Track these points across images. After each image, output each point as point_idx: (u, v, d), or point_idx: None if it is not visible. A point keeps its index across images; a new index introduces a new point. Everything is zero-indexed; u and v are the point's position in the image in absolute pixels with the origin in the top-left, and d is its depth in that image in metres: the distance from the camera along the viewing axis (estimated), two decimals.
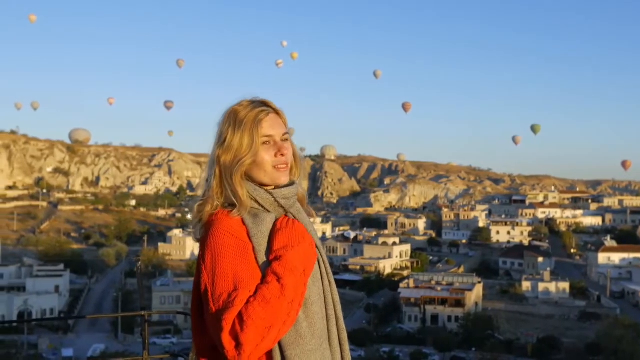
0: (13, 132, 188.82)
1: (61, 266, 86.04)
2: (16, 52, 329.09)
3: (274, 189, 1.94)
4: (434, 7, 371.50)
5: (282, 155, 1.92)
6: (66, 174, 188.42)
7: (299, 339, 1.80)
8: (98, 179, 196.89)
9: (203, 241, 1.84)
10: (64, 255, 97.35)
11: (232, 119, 1.92)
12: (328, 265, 2.01)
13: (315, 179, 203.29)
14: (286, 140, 1.96)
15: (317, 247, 1.98)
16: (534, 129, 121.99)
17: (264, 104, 1.97)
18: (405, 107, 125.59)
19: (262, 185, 1.93)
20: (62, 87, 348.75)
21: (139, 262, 3.89)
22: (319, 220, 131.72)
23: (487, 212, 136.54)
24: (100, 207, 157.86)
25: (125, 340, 59.23)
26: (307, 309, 1.84)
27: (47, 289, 75.26)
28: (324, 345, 1.87)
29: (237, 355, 1.68)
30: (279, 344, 1.77)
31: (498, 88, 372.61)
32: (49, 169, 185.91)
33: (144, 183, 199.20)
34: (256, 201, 1.90)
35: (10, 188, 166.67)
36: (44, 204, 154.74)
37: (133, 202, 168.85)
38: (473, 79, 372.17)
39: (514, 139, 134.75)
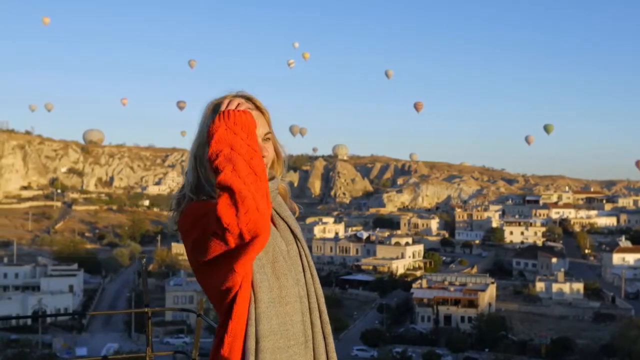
0: (28, 133, 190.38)
1: (75, 266, 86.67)
2: (30, 53, 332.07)
3: None
4: (446, 6, 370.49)
5: (262, 156, 1.87)
6: (80, 174, 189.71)
7: (271, 334, 1.79)
8: (112, 179, 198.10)
9: (179, 227, 1.87)
10: (78, 255, 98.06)
11: (213, 114, 1.88)
12: (310, 259, 2.00)
13: (328, 179, 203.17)
14: (268, 139, 1.95)
15: (297, 239, 1.99)
16: (546, 128, 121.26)
17: (248, 100, 1.94)
18: (417, 106, 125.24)
19: None
20: (76, 88, 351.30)
21: (144, 260, 3.90)
22: (331, 220, 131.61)
23: (500, 213, 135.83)
24: (114, 207, 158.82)
25: (139, 340, 59.53)
26: (280, 307, 1.82)
27: (61, 288, 75.86)
28: (294, 349, 1.83)
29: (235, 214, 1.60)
30: (256, 337, 1.77)
31: (511, 87, 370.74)
32: (64, 169, 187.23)
33: (158, 183, 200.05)
34: None
35: (25, 188, 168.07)
36: (59, 204, 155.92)
37: (146, 202, 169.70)
38: (485, 79, 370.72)
39: (527, 139, 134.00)
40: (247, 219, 1.60)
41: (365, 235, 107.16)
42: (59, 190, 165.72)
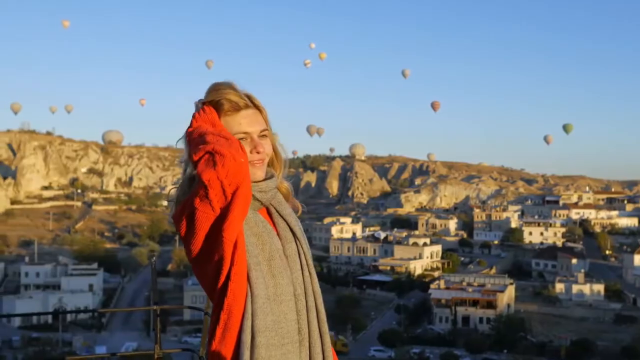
0: (49, 134, 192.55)
1: (95, 265, 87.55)
2: (51, 55, 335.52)
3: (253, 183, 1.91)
4: (464, 5, 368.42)
5: (258, 152, 1.91)
6: (100, 174, 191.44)
7: (266, 330, 1.79)
8: (131, 179, 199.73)
9: (174, 220, 1.88)
10: (98, 254, 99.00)
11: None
12: (309, 257, 1.99)
13: (345, 179, 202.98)
14: (264, 137, 1.95)
15: (297, 238, 1.98)
16: (566, 128, 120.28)
17: (247, 97, 1.96)
18: (434, 105, 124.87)
19: None
20: (95, 89, 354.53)
21: (153, 259, 3.94)
22: (349, 220, 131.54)
23: (519, 213, 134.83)
24: (133, 207, 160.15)
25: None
26: (275, 305, 1.82)
27: (81, 287, 76.72)
28: (288, 347, 1.83)
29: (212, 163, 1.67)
30: (252, 332, 1.77)
31: (530, 86, 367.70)
32: (84, 170, 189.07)
33: (176, 183, 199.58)
34: None
35: (46, 188, 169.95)
36: (79, 203, 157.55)
37: (165, 202, 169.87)
38: (504, 78, 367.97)
39: (546, 139, 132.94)
40: (226, 170, 1.66)
41: (382, 235, 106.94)
42: (79, 190, 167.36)
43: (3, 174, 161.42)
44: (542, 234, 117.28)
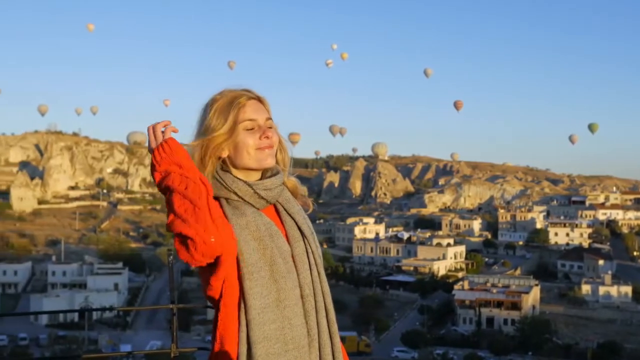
0: (75, 134, 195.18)
1: (120, 264, 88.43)
2: (77, 57, 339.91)
3: (260, 179, 1.90)
4: (488, 4, 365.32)
5: (267, 137, 1.88)
6: (125, 174, 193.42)
7: (265, 340, 1.75)
8: None
9: None
10: (123, 253, 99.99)
11: (211, 105, 1.90)
12: (317, 257, 1.94)
13: (368, 180, 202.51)
14: (270, 127, 1.91)
15: (305, 237, 1.93)
16: (591, 127, 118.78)
17: (248, 91, 1.94)
18: (456, 105, 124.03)
19: (249, 170, 1.89)
20: (120, 90, 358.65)
21: (171, 257, 3.93)
22: (372, 220, 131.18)
23: (544, 214, 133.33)
24: (158, 207, 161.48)
25: (182, 337, 60.43)
26: (278, 311, 1.78)
27: (106, 286, 77.59)
28: (292, 353, 1.79)
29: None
30: (248, 342, 1.76)
31: (554, 86, 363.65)
32: (109, 170, 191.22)
33: None
34: (235, 194, 1.86)
35: (72, 188, 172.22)
36: (104, 203, 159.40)
37: None
38: (528, 77, 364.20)
39: (571, 138, 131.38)
40: (199, 254, 1.65)
41: (406, 235, 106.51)
42: (104, 190, 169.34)
43: (31, 174, 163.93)
44: (568, 234, 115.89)
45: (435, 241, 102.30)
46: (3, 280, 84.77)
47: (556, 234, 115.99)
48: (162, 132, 1.78)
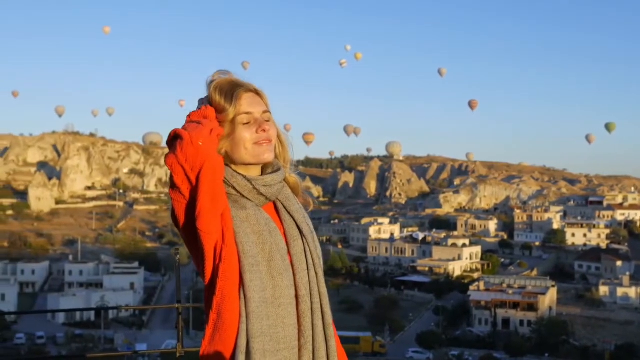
0: (92, 135, 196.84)
1: (136, 264, 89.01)
2: (94, 59, 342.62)
3: (261, 174, 1.86)
4: (502, 4, 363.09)
5: (264, 131, 1.82)
6: (141, 174, 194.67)
7: (262, 335, 1.70)
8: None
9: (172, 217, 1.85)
10: (139, 253, 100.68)
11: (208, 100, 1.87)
12: (316, 257, 1.88)
13: (383, 180, 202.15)
14: (267, 120, 1.86)
15: (304, 236, 1.87)
16: (608, 127, 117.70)
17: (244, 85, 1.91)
18: (471, 104, 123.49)
19: (248, 166, 1.84)
20: (136, 91, 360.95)
21: (178, 256, 3.90)
22: (387, 221, 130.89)
23: (561, 214, 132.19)
24: None
25: (197, 337, 60.64)
26: (272, 308, 1.73)
27: (122, 285, 78.15)
28: (283, 353, 1.73)
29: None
30: (247, 336, 1.70)
31: (570, 85, 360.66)
32: (125, 170, 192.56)
33: None
34: (234, 188, 1.80)
35: (89, 188, 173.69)
36: (121, 203, 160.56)
37: None
38: (543, 76, 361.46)
39: (588, 138, 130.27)
40: (184, 154, 1.63)
41: (421, 236, 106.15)
42: (121, 191, 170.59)
43: (48, 175, 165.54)
44: (585, 235, 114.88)
45: (450, 242, 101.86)
46: (21, 280, 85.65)
47: (573, 235, 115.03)
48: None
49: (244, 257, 1.72)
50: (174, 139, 1.68)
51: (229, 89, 1.83)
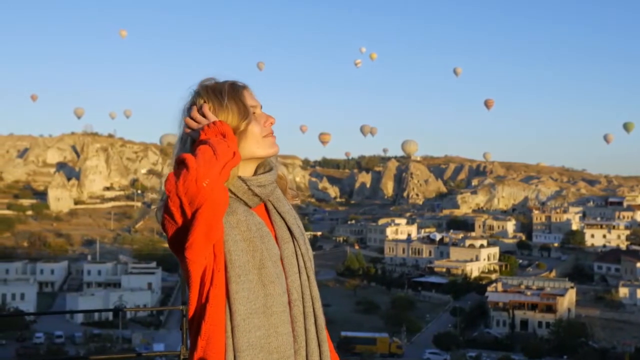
0: (110, 136, 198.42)
1: (154, 264, 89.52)
2: (111, 61, 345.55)
3: (255, 174, 1.81)
4: (519, 3, 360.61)
5: (272, 123, 1.83)
6: (159, 175, 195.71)
7: (249, 348, 1.64)
8: None
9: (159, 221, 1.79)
10: (157, 253, 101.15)
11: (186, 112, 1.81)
12: (307, 260, 1.83)
13: (400, 180, 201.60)
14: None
15: (295, 238, 1.82)
16: (626, 127, 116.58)
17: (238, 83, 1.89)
18: (487, 104, 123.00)
19: (247, 162, 1.79)
20: (152, 92, 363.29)
21: None
22: (404, 221, 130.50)
23: (580, 215, 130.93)
24: None
25: None
26: (264, 318, 1.67)
27: (140, 285, 78.62)
28: None
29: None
30: (233, 350, 1.64)
31: (588, 84, 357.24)
32: (143, 171, 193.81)
33: None
34: (229, 189, 1.73)
35: (107, 189, 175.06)
36: (139, 204, 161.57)
37: None
38: (561, 76, 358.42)
39: (606, 138, 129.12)
40: (185, 187, 1.52)
41: (438, 237, 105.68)
42: (139, 191, 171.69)
43: (67, 175, 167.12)
44: (604, 236, 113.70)
45: (468, 242, 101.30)
46: (40, 279, 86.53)
47: (592, 236, 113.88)
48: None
49: (231, 268, 1.66)
50: (182, 162, 1.57)
51: (231, 91, 1.80)
